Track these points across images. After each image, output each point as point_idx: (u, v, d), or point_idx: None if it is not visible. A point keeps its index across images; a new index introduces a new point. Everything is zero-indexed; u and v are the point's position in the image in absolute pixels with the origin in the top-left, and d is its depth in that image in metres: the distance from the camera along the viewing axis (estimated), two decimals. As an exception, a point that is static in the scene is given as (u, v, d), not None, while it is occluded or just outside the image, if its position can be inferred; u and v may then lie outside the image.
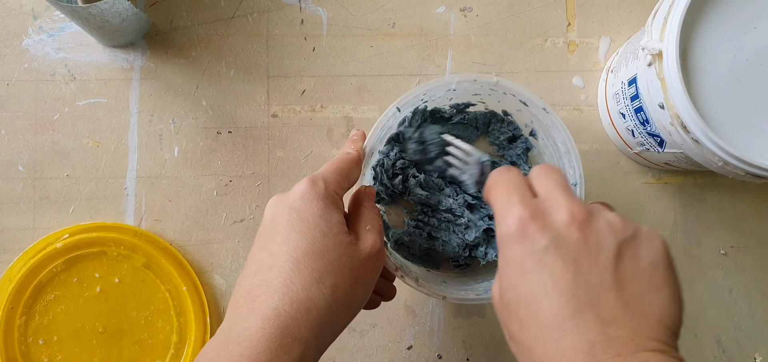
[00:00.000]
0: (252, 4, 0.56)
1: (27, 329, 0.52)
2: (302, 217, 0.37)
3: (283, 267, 0.35)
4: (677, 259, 0.55)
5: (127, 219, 0.54)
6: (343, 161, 0.42)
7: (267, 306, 0.34)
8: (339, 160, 0.42)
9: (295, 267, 0.35)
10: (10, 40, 0.55)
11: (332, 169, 0.41)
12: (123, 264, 0.52)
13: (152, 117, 0.55)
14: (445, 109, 0.52)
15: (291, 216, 0.37)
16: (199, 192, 0.54)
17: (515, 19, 0.56)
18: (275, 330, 0.33)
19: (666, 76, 0.41)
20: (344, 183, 0.41)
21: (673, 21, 0.41)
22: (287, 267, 0.35)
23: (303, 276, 0.35)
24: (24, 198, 0.54)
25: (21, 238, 0.54)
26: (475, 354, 0.54)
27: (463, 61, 0.56)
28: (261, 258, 0.37)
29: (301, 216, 0.37)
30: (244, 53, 0.55)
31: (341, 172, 0.41)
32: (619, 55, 0.51)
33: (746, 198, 0.56)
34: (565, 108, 0.56)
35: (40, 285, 0.52)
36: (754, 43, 0.42)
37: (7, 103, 0.54)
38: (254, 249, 0.38)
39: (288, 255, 0.36)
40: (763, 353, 0.55)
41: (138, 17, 0.52)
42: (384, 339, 0.54)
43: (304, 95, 0.55)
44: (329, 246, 0.36)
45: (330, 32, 0.56)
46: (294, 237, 0.36)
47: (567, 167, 0.48)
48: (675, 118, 0.42)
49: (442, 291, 0.46)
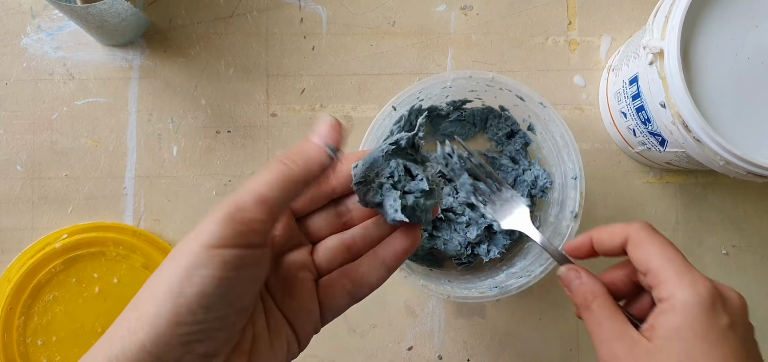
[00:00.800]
0: (251, 3, 0.55)
1: (26, 329, 0.51)
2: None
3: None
4: (678, 259, 0.55)
5: (126, 219, 0.54)
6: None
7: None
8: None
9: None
10: (8, 39, 0.54)
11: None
12: (122, 265, 0.52)
13: (151, 116, 0.54)
14: (442, 106, 0.51)
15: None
16: (199, 192, 0.54)
17: (516, 17, 0.56)
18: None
19: (667, 74, 0.41)
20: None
21: (674, 19, 0.41)
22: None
23: (117, 320, 0.29)
24: (22, 198, 0.54)
25: (19, 238, 0.53)
26: (475, 355, 0.54)
27: (463, 59, 0.55)
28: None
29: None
30: (244, 52, 0.55)
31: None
32: (621, 54, 0.51)
33: (748, 198, 0.55)
34: (566, 107, 0.55)
35: (39, 285, 0.51)
36: (755, 42, 0.42)
37: (6, 102, 0.54)
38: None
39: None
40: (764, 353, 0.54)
41: (137, 16, 0.51)
42: (384, 340, 0.54)
43: (304, 94, 0.55)
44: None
45: (330, 31, 0.55)
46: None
47: (566, 161, 0.48)
48: (676, 117, 0.42)
49: (446, 290, 0.46)
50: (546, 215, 0.51)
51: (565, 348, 0.54)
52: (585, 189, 0.47)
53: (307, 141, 0.31)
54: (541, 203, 0.53)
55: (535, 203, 0.53)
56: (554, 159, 0.50)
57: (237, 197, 0.28)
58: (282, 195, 0.29)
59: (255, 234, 0.28)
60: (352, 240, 0.35)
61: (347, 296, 0.34)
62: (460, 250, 0.51)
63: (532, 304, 0.54)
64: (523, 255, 0.51)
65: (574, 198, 0.47)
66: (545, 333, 0.54)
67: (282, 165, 0.29)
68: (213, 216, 0.28)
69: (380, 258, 0.34)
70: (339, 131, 0.31)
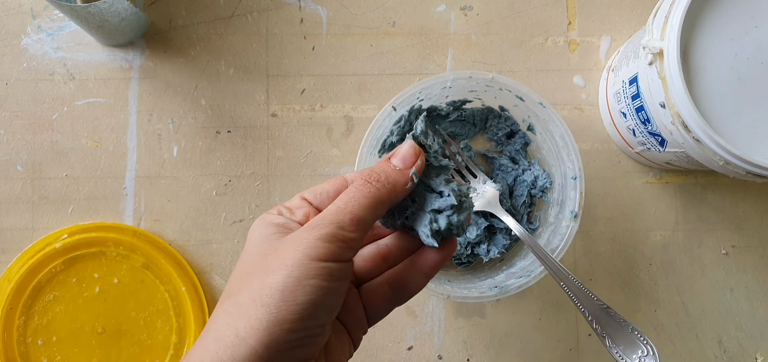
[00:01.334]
0: (251, 3, 0.55)
1: (26, 329, 0.51)
2: (245, 250, 0.32)
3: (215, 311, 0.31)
4: (678, 259, 0.55)
5: (126, 219, 0.54)
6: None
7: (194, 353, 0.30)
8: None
9: (216, 313, 0.31)
10: (8, 39, 0.55)
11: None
12: (122, 265, 0.52)
13: (151, 116, 0.54)
14: (442, 106, 0.51)
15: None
16: (199, 192, 0.54)
17: (516, 17, 0.56)
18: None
19: (667, 75, 0.41)
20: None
21: (674, 20, 0.41)
22: (215, 313, 0.31)
23: (215, 323, 0.30)
24: (23, 198, 0.54)
25: (20, 238, 0.53)
26: (475, 355, 0.54)
27: (463, 60, 0.56)
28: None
29: (245, 248, 0.32)
30: (244, 52, 0.55)
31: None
32: (620, 54, 0.51)
33: (747, 198, 0.55)
34: (566, 107, 0.55)
35: (39, 285, 0.51)
36: (755, 42, 0.42)
37: (6, 102, 0.54)
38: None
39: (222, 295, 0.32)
40: (765, 353, 0.54)
41: (137, 16, 0.51)
42: (384, 340, 0.54)
43: (304, 94, 0.55)
44: (244, 260, 0.31)
45: (330, 31, 0.56)
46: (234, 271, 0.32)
47: (566, 161, 0.48)
48: (676, 117, 0.42)
49: (446, 290, 0.46)
50: (546, 215, 0.52)
51: (565, 348, 0.54)
52: (585, 189, 0.47)
53: (392, 165, 0.33)
54: (541, 203, 0.53)
55: (535, 203, 0.53)
56: (554, 159, 0.50)
57: (336, 216, 0.31)
58: (371, 216, 0.31)
59: (351, 250, 0.31)
60: (387, 249, 0.36)
61: (388, 302, 0.35)
62: (459, 250, 0.51)
63: (532, 304, 0.54)
64: (523, 255, 0.51)
65: (574, 199, 0.47)
66: (545, 333, 0.54)
67: (372, 188, 0.32)
68: (316, 233, 0.30)
69: (418, 267, 0.35)
70: (421, 158, 0.34)
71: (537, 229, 0.52)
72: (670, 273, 0.55)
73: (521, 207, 0.52)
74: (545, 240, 0.50)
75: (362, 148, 0.47)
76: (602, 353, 0.54)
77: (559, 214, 0.49)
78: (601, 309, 0.41)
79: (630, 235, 0.55)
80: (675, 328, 0.54)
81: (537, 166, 0.52)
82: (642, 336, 0.40)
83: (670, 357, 0.54)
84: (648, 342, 0.40)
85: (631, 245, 0.55)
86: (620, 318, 0.41)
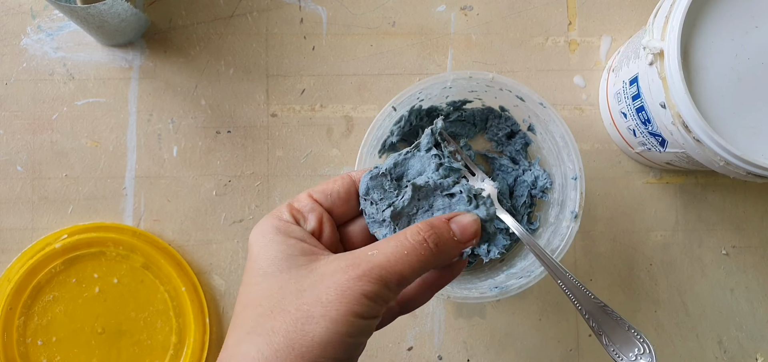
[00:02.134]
0: (251, 3, 0.55)
1: (26, 329, 0.51)
2: (250, 257, 0.33)
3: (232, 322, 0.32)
4: (678, 260, 0.55)
5: (126, 219, 0.54)
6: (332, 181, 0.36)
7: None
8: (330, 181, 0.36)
9: (234, 321, 0.31)
10: (8, 39, 0.54)
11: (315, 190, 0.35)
12: (122, 265, 0.52)
13: (151, 116, 0.54)
14: (442, 106, 0.51)
15: (248, 256, 0.34)
16: (198, 193, 0.54)
17: (516, 17, 0.56)
18: None
19: (667, 75, 0.41)
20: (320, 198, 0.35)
21: (674, 20, 0.41)
22: (233, 321, 0.32)
23: (235, 331, 0.31)
24: (22, 198, 0.53)
25: (19, 238, 0.53)
26: (475, 355, 0.54)
27: (463, 60, 0.55)
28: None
29: (250, 256, 0.33)
30: (244, 52, 0.55)
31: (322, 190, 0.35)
32: (621, 55, 0.51)
33: (748, 198, 0.55)
34: (566, 107, 0.55)
35: (39, 285, 0.51)
36: (755, 42, 0.42)
37: (6, 102, 0.54)
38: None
39: (236, 306, 0.32)
40: (765, 353, 0.54)
41: (137, 17, 0.51)
42: (384, 340, 0.54)
43: (304, 94, 0.55)
44: (269, 283, 0.31)
45: (330, 31, 0.55)
46: (243, 282, 0.33)
47: (566, 161, 0.48)
48: (676, 117, 0.42)
49: (446, 290, 0.46)
50: (546, 215, 0.51)
51: (565, 348, 0.54)
52: (585, 189, 0.47)
53: (451, 233, 0.33)
54: (541, 203, 0.53)
55: (536, 203, 0.53)
56: (554, 159, 0.50)
57: (383, 271, 0.30)
58: (416, 277, 0.32)
59: (386, 306, 0.31)
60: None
61: (392, 314, 0.36)
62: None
63: (532, 304, 0.54)
64: (523, 255, 0.51)
65: (575, 199, 0.47)
66: (545, 333, 0.54)
67: (426, 252, 0.31)
68: (362, 287, 0.29)
69: (426, 282, 0.35)
70: (478, 236, 0.35)
71: (537, 229, 0.52)
72: (670, 273, 0.55)
73: (521, 207, 0.52)
74: (545, 241, 0.50)
75: (362, 148, 0.47)
76: (602, 353, 0.54)
77: (560, 214, 0.49)
78: (598, 308, 0.41)
79: (630, 235, 0.55)
80: (675, 328, 0.54)
81: (537, 166, 0.52)
82: (639, 334, 0.40)
83: (670, 357, 0.54)
84: (644, 340, 0.40)
85: (631, 245, 0.55)
86: (617, 316, 0.41)
